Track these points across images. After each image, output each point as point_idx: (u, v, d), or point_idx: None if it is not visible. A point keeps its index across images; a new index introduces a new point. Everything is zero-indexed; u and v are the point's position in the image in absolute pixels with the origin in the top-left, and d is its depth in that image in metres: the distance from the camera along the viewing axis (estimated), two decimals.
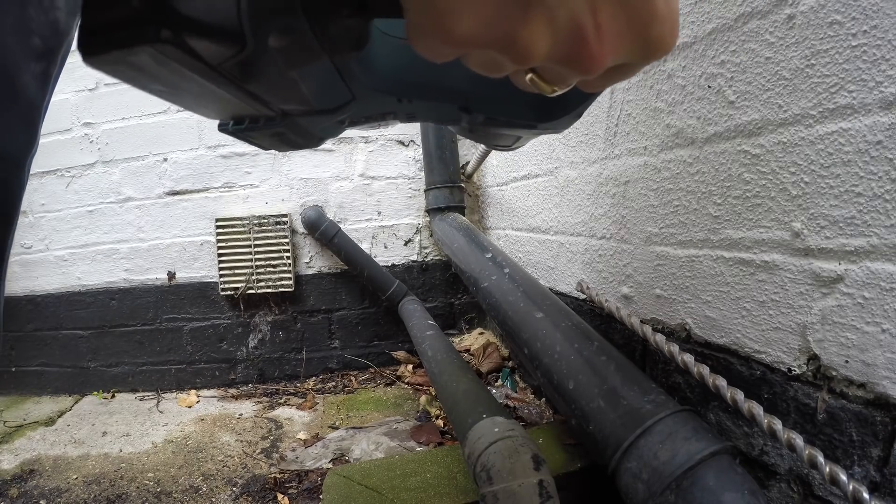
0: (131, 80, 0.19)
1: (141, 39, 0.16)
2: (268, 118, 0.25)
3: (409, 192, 1.61)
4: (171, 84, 0.20)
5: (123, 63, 0.18)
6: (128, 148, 1.54)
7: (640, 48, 0.17)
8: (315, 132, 0.28)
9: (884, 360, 0.43)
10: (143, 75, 0.19)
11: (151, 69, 0.18)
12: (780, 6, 0.50)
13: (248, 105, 0.23)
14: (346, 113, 0.28)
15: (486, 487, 0.61)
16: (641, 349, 0.77)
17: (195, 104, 0.23)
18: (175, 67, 0.18)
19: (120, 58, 0.17)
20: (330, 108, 0.26)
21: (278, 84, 0.22)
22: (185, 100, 0.22)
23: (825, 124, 0.46)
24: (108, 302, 1.57)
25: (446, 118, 0.33)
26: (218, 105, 0.24)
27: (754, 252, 0.55)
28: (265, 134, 0.27)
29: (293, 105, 0.24)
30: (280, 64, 0.21)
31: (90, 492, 1.01)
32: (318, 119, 0.27)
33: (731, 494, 0.47)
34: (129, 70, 0.18)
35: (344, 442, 1.11)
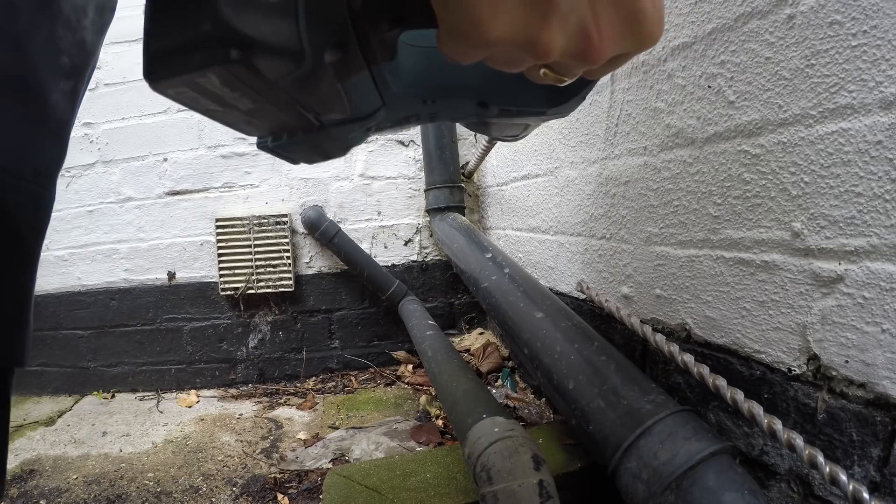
0: (191, 101, 0.20)
1: (212, 61, 0.17)
2: (305, 131, 0.27)
3: (409, 192, 1.61)
4: (228, 103, 0.21)
5: (192, 85, 0.19)
6: (128, 148, 1.54)
7: (633, 41, 0.21)
8: (345, 141, 0.30)
9: (884, 360, 0.43)
10: (206, 96, 0.20)
11: (216, 89, 0.19)
12: (780, 6, 0.50)
13: (292, 118, 0.25)
14: (377, 119, 0.30)
15: (486, 487, 0.61)
16: (641, 349, 0.77)
17: (243, 121, 0.25)
18: (238, 85, 0.19)
19: (189, 80, 0.18)
20: (364, 114, 0.28)
21: (327, 96, 0.24)
22: (235, 117, 0.24)
23: (825, 124, 0.46)
24: (108, 302, 1.57)
25: (465, 114, 0.36)
26: (263, 120, 0.25)
27: (754, 252, 0.55)
28: (302, 147, 0.28)
29: (335, 114, 0.26)
30: (331, 77, 0.22)
31: (90, 492, 1.01)
32: (352, 127, 0.28)
33: (731, 494, 0.47)
34: (193, 92, 0.19)
35: (344, 442, 1.11)
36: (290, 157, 0.31)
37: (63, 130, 0.33)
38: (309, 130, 0.27)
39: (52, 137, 0.31)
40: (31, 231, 0.30)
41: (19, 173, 0.28)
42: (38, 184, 0.30)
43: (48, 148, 0.31)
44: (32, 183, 0.29)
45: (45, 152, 0.31)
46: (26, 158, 0.28)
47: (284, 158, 0.31)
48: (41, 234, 0.31)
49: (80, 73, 0.33)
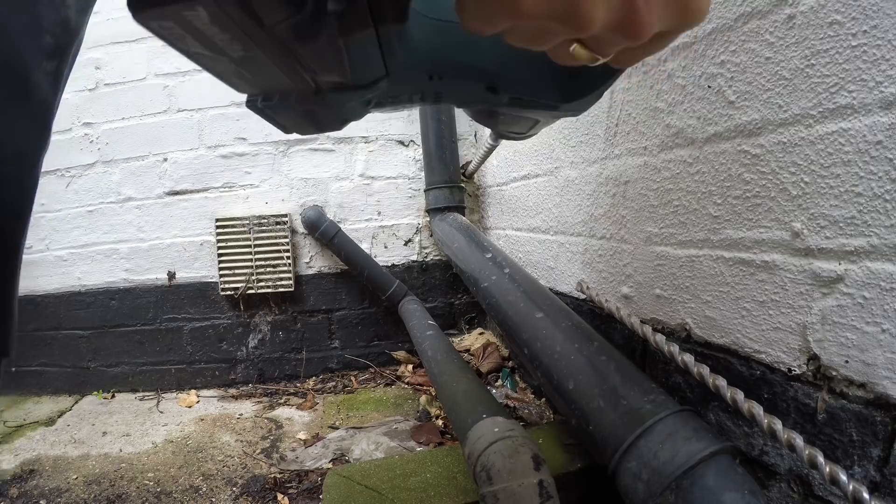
0: (177, 39, 0.19)
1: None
2: (299, 94, 0.25)
3: (409, 192, 1.61)
4: (217, 47, 0.19)
5: (178, 19, 0.17)
6: (128, 148, 1.54)
7: (681, 15, 0.19)
8: (342, 112, 0.28)
9: (884, 360, 0.43)
10: (192, 35, 0.18)
11: (204, 28, 0.18)
12: (780, 6, 0.50)
13: (286, 74, 0.23)
14: (378, 90, 0.27)
15: (486, 487, 0.61)
16: (641, 349, 0.77)
17: (232, 72, 0.23)
18: (229, 26, 0.18)
19: (175, 12, 0.17)
20: (365, 82, 0.26)
21: (326, 51, 0.21)
22: (224, 66, 0.22)
23: (825, 124, 0.46)
24: (108, 302, 1.57)
25: (472, 98, 0.33)
26: (255, 74, 0.23)
27: (754, 252, 0.55)
28: (295, 111, 0.26)
29: (333, 76, 0.24)
30: (332, 30, 0.20)
31: (90, 492, 1.01)
32: (350, 95, 0.26)
33: (731, 494, 0.47)
34: (178, 28, 0.18)
35: (344, 442, 1.11)
36: (280, 122, 0.29)
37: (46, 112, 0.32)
38: (304, 94, 0.25)
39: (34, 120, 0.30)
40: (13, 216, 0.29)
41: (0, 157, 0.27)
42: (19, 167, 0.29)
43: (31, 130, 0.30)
44: (14, 166, 0.28)
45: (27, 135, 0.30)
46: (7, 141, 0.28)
47: (274, 124, 0.29)
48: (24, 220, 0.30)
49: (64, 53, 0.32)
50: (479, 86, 0.32)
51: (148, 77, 1.53)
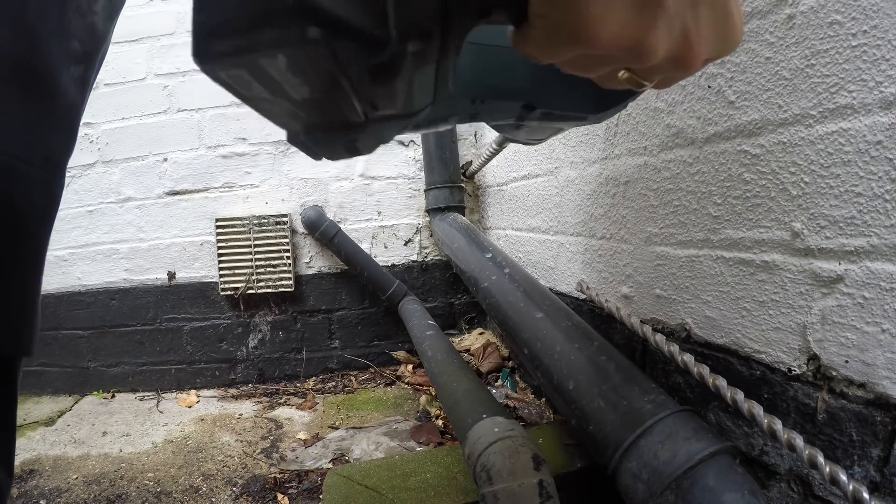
0: (243, 86, 0.17)
1: (287, 40, 0.15)
2: (345, 126, 0.24)
3: (409, 192, 1.61)
4: (282, 91, 0.18)
5: (251, 68, 0.16)
6: (128, 148, 1.54)
7: (723, 45, 0.22)
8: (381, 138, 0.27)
9: (884, 360, 0.43)
10: (262, 81, 0.17)
11: (277, 74, 0.16)
12: (780, 6, 0.50)
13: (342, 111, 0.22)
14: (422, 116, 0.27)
15: (487, 487, 0.61)
16: (641, 349, 0.77)
17: (287, 113, 0.22)
18: (304, 71, 0.16)
19: (251, 62, 0.15)
20: (414, 111, 0.26)
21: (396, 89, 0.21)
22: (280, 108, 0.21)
23: (825, 124, 0.46)
24: (108, 302, 1.57)
25: (507, 116, 0.34)
26: (311, 114, 0.22)
27: (754, 252, 0.55)
28: (337, 143, 0.26)
29: (390, 108, 0.23)
30: (408, 70, 0.19)
31: (90, 492, 1.01)
32: (395, 123, 0.26)
33: (731, 494, 0.47)
34: (249, 76, 0.16)
35: (344, 442, 1.11)
36: (316, 152, 0.28)
37: (73, 117, 0.32)
38: (348, 126, 0.24)
39: (61, 124, 0.31)
40: (39, 218, 0.29)
41: (29, 159, 0.28)
42: (47, 170, 0.29)
43: (58, 134, 0.31)
44: (42, 169, 0.29)
45: (54, 138, 0.30)
46: (36, 144, 0.28)
47: (310, 154, 0.28)
48: (50, 222, 0.31)
49: (91, 59, 0.33)
50: (516, 104, 0.33)
51: (148, 77, 1.53)
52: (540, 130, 0.40)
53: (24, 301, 0.29)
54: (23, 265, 0.29)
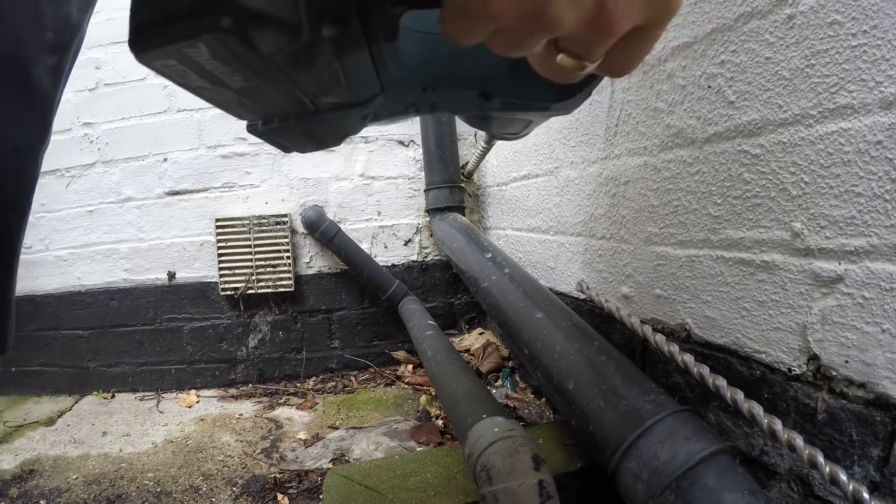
0: (179, 76, 0.19)
1: (202, 29, 0.16)
2: (297, 115, 0.25)
3: (409, 192, 1.61)
4: (218, 80, 0.20)
5: (179, 57, 0.17)
6: (128, 148, 1.54)
7: (655, 9, 0.20)
8: (339, 129, 0.29)
9: (884, 360, 0.43)
10: (195, 70, 0.19)
11: (205, 63, 0.18)
12: (780, 6, 0.50)
13: (287, 100, 0.23)
14: (374, 106, 0.28)
15: (486, 487, 0.61)
16: (641, 349, 0.77)
17: (235, 103, 0.23)
18: (229, 59, 0.18)
19: (177, 51, 0.17)
20: (362, 100, 0.27)
21: (323, 75, 0.22)
22: (226, 97, 0.22)
23: (825, 124, 0.46)
24: (108, 302, 1.57)
25: (466, 106, 0.34)
26: (255, 101, 0.24)
27: (754, 252, 0.55)
28: (295, 132, 0.27)
29: (331, 97, 0.25)
30: (328, 54, 0.21)
31: (90, 492, 1.01)
32: (347, 113, 0.27)
33: (731, 494, 0.47)
34: (181, 65, 0.18)
35: (344, 442, 1.11)
36: (281, 143, 0.29)
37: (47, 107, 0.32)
38: (303, 115, 0.25)
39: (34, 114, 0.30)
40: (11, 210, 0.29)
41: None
42: (19, 162, 0.29)
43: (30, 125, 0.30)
44: (13, 161, 0.28)
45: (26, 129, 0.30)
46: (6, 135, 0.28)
47: (276, 145, 0.29)
48: (23, 215, 0.30)
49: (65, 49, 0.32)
50: (471, 93, 0.33)
51: (148, 77, 1.53)
52: (509, 123, 0.40)
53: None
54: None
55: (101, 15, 1.49)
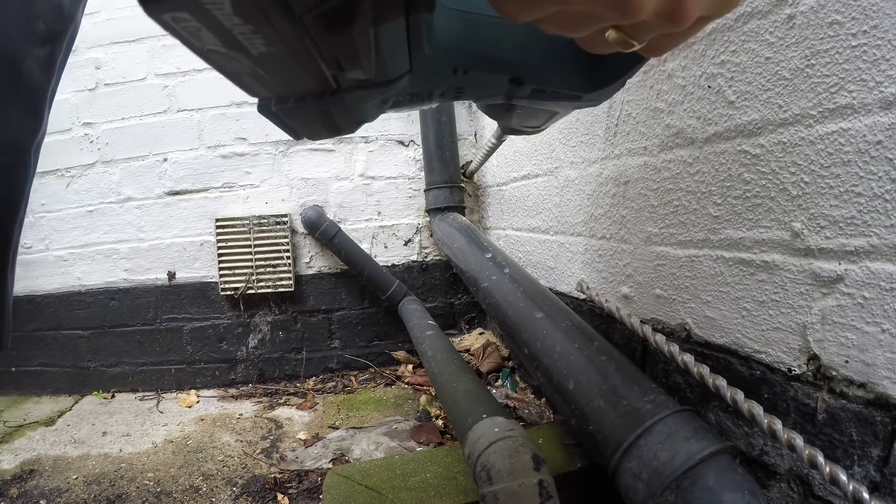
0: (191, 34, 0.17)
1: None
2: (316, 95, 0.23)
3: (409, 192, 1.61)
4: (235, 42, 0.18)
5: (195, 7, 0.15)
6: (128, 148, 1.54)
7: (720, 2, 0.20)
8: (357, 113, 0.26)
9: (884, 360, 0.43)
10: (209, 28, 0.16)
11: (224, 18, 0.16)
12: (780, 6, 0.50)
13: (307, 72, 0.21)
14: (398, 87, 0.26)
15: (486, 487, 0.61)
16: (641, 349, 0.77)
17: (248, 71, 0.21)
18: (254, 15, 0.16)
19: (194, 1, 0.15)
20: (389, 78, 0.24)
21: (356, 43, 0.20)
22: (239, 65, 0.20)
23: (825, 124, 0.46)
24: (108, 302, 1.57)
25: (495, 91, 0.32)
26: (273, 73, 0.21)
27: (754, 252, 0.55)
28: (310, 114, 0.25)
29: (358, 72, 0.22)
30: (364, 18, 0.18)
31: (90, 492, 1.01)
32: (370, 93, 0.25)
33: (731, 494, 0.47)
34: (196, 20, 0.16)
35: (344, 442, 1.11)
36: (293, 127, 0.27)
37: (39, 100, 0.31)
38: (321, 95, 0.23)
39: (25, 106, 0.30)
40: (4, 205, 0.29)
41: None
42: (11, 156, 0.28)
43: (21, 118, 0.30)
44: (5, 155, 0.28)
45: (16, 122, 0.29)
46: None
47: (286, 130, 0.27)
48: (17, 209, 0.30)
49: (58, 40, 0.32)
50: (503, 78, 0.31)
51: (148, 77, 1.53)
52: (533, 114, 0.38)
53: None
54: None
55: (101, 15, 1.49)
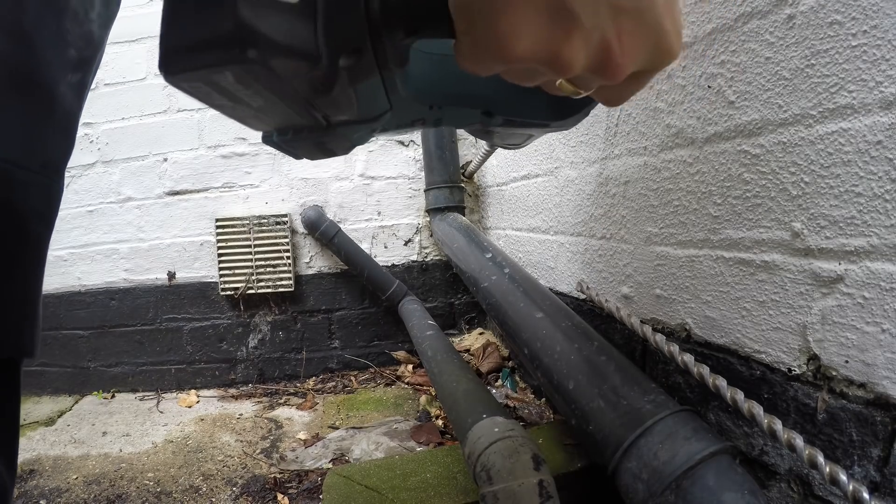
0: (204, 95, 0.20)
1: (230, 60, 0.18)
2: (310, 128, 0.27)
3: (409, 192, 1.61)
4: (239, 99, 0.21)
5: (206, 81, 0.19)
6: (128, 148, 1.54)
7: (654, 57, 0.21)
8: (350, 140, 0.30)
9: (884, 360, 0.43)
10: (219, 92, 0.20)
11: (229, 86, 0.20)
12: (780, 6, 0.50)
13: (301, 117, 0.25)
14: (383, 121, 0.30)
15: (486, 487, 0.61)
16: (641, 349, 0.77)
17: (252, 117, 0.25)
18: (252, 84, 0.20)
19: (205, 76, 0.18)
20: (371, 116, 0.28)
21: (337, 99, 0.24)
22: (244, 113, 0.24)
23: (825, 124, 0.46)
24: (108, 302, 1.57)
25: (469, 121, 0.36)
26: (273, 118, 0.25)
27: (754, 252, 0.55)
28: (307, 143, 0.28)
29: (343, 115, 0.26)
30: (344, 81, 0.22)
31: (90, 492, 1.01)
32: (358, 127, 0.28)
33: (731, 494, 0.47)
34: (207, 87, 0.19)
35: (344, 442, 1.11)
36: (293, 152, 0.31)
37: (70, 123, 0.33)
38: (314, 129, 0.27)
39: (59, 130, 0.32)
40: (39, 221, 0.30)
41: (27, 165, 0.28)
42: (45, 175, 0.30)
43: (56, 140, 0.31)
44: (40, 175, 0.30)
45: (52, 144, 0.31)
46: (34, 150, 0.29)
47: (288, 153, 0.31)
48: (50, 224, 0.32)
49: (88, 66, 0.33)
50: (475, 111, 0.35)
51: (148, 77, 1.53)
52: (511, 136, 0.42)
53: (26, 303, 0.30)
54: (23, 268, 0.29)
55: None
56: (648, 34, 0.20)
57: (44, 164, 0.30)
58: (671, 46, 0.21)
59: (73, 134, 0.34)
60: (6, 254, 0.28)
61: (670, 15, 0.21)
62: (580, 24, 0.19)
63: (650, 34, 0.21)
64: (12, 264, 0.29)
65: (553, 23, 0.19)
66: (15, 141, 0.28)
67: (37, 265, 0.31)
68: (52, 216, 0.32)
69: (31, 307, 0.31)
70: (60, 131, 0.32)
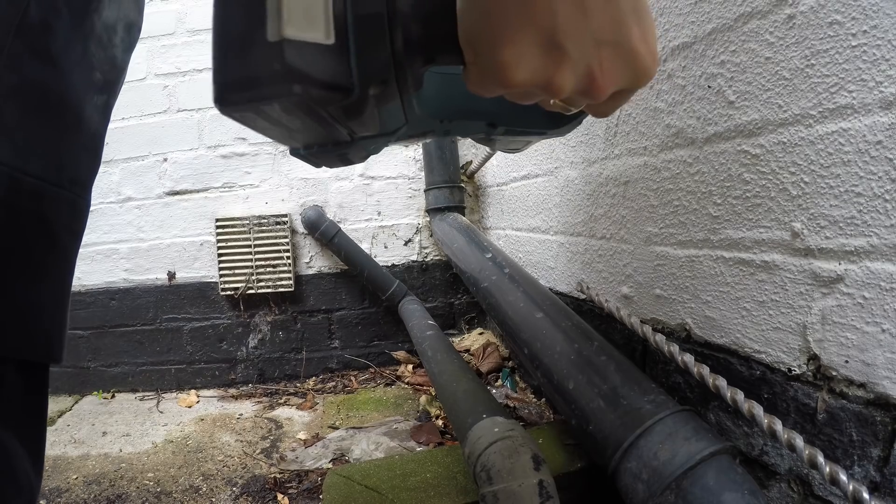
0: (250, 121, 0.24)
1: (279, 94, 0.21)
2: (335, 143, 0.31)
3: (409, 192, 1.61)
4: (280, 123, 0.25)
5: (256, 111, 0.22)
6: (128, 148, 1.54)
7: (631, 78, 0.25)
8: (367, 151, 0.34)
9: (884, 360, 0.43)
10: (264, 119, 0.23)
11: (274, 114, 0.23)
12: (780, 6, 0.50)
13: (330, 134, 0.28)
14: (398, 134, 0.34)
15: (486, 487, 0.61)
16: (641, 349, 0.77)
17: (287, 137, 0.29)
18: (294, 111, 0.23)
19: (256, 108, 0.22)
20: (390, 131, 0.33)
21: (366, 119, 0.28)
22: (281, 133, 0.27)
23: (825, 124, 0.46)
24: (108, 302, 1.57)
25: (475, 132, 0.42)
26: (305, 136, 0.29)
27: (754, 252, 0.55)
28: (331, 156, 0.33)
29: (367, 132, 0.30)
30: (371, 105, 0.26)
31: (90, 492, 1.01)
32: (377, 140, 0.33)
33: (731, 494, 0.47)
34: (255, 115, 0.23)
35: (344, 442, 1.11)
36: (316, 162, 0.35)
37: (97, 143, 0.35)
38: (338, 144, 0.31)
39: (86, 149, 0.33)
40: (68, 234, 0.32)
41: (58, 182, 0.30)
42: (74, 192, 0.32)
43: (83, 159, 0.33)
44: (69, 191, 0.31)
45: (80, 162, 0.33)
46: (64, 168, 0.31)
47: (310, 163, 0.35)
48: (78, 237, 0.34)
49: (112, 88, 0.36)
50: (480, 123, 0.40)
51: (148, 77, 1.53)
52: (511, 143, 0.47)
53: (56, 311, 0.31)
54: (54, 278, 0.31)
55: None
56: (626, 60, 0.24)
57: (72, 180, 0.31)
58: (647, 68, 0.25)
59: (100, 153, 0.36)
60: (39, 263, 0.29)
61: (644, 41, 0.24)
62: (568, 56, 0.23)
63: (628, 59, 0.24)
64: (44, 273, 0.30)
65: (546, 55, 0.23)
66: (47, 160, 0.29)
67: (66, 275, 0.32)
68: (80, 229, 0.34)
69: (61, 315, 0.32)
70: (87, 150, 0.34)
